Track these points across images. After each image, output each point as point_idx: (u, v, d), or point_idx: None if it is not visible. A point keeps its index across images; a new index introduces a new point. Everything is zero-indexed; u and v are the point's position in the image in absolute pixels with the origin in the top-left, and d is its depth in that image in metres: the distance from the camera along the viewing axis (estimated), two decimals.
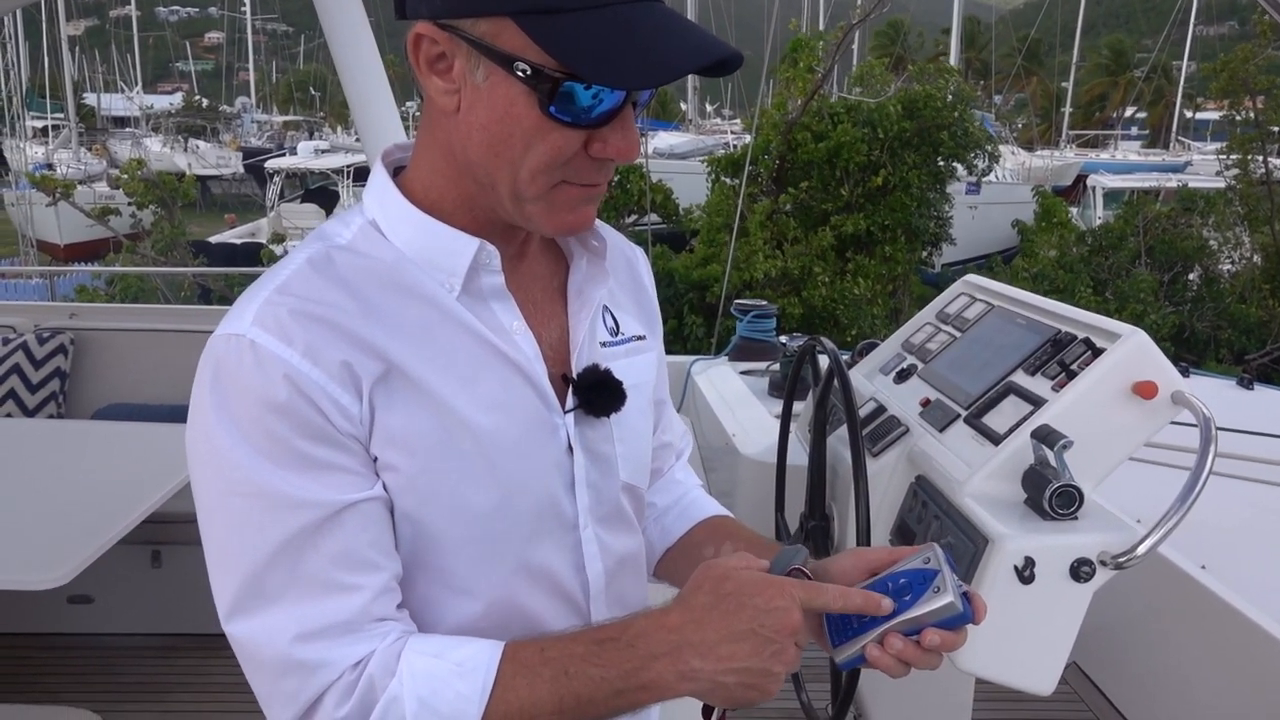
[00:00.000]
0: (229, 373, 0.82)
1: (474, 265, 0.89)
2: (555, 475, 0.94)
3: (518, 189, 0.84)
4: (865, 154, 10.30)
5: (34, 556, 1.93)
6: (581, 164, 0.84)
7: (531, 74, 0.79)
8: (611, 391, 0.96)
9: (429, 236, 0.90)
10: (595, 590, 0.98)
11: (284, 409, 0.80)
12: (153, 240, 11.95)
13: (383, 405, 0.84)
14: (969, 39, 40.11)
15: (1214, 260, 11.49)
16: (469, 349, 0.89)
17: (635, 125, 0.85)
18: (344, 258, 0.88)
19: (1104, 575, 1.45)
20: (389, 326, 0.86)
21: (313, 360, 0.81)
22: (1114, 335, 1.64)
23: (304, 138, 36.36)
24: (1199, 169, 24.23)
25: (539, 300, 0.98)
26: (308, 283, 0.85)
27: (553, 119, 0.81)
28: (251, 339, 0.81)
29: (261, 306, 0.83)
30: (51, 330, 3.50)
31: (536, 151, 0.82)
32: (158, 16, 76.68)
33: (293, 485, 0.80)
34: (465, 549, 0.89)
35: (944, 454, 1.74)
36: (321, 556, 0.81)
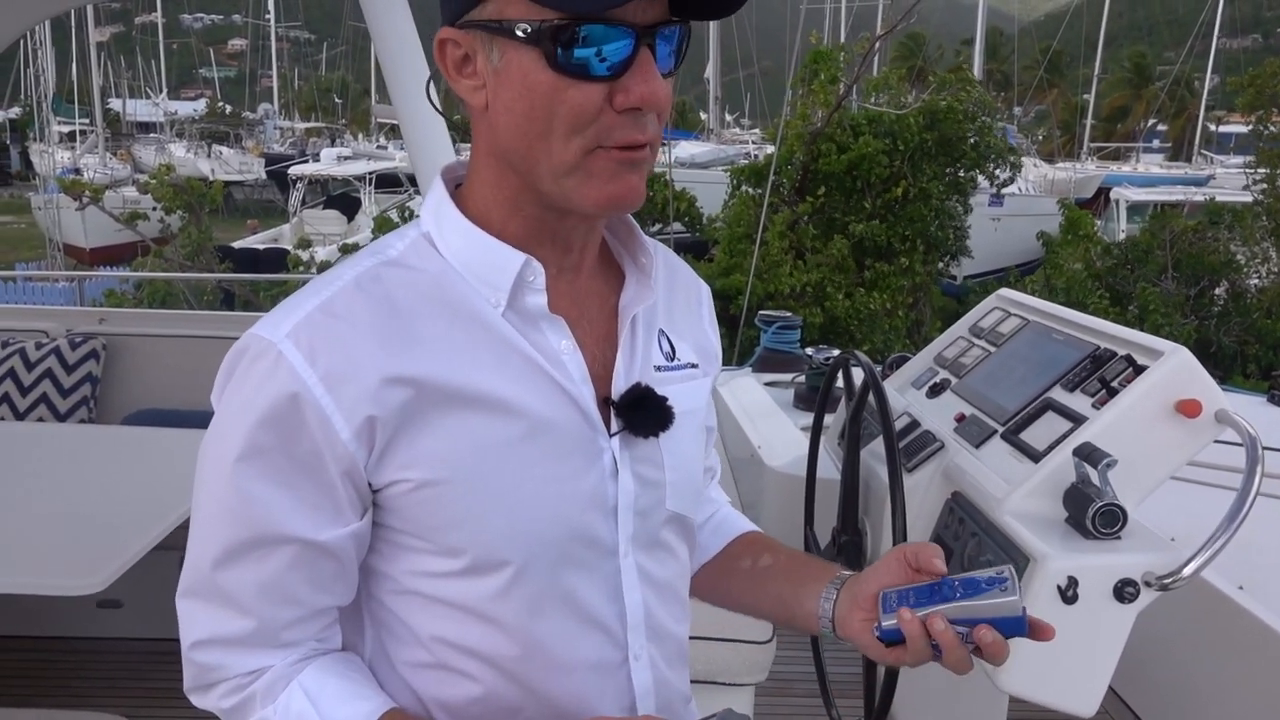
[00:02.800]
0: (245, 370, 0.84)
1: (518, 282, 0.88)
2: (592, 500, 0.91)
3: (553, 163, 0.83)
4: (886, 165, 10.28)
5: (70, 562, 1.94)
6: (611, 121, 0.82)
7: (532, 32, 0.79)
8: (654, 410, 0.93)
9: (477, 249, 0.89)
10: (634, 621, 0.95)
11: (279, 425, 0.82)
12: (180, 244, 12.06)
13: (410, 430, 0.84)
14: (991, 50, 39.98)
15: (1241, 275, 11.37)
16: (513, 366, 0.88)
17: (656, 71, 0.82)
18: (392, 273, 0.88)
19: (1148, 596, 1.43)
20: (430, 346, 0.85)
21: (328, 387, 0.82)
22: (1156, 352, 1.62)
23: (326, 144, 36.60)
24: (1223, 182, 24.03)
25: (594, 318, 0.96)
26: (350, 303, 0.85)
27: (564, 73, 0.79)
28: (280, 350, 0.82)
29: (301, 321, 0.84)
30: (83, 335, 3.53)
31: (560, 115, 0.81)
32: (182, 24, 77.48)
33: (253, 502, 0.83)
34: None
35: (981, 470, 1.73)
36: (249, 577, 0.85)
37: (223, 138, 40.94)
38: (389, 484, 0.85)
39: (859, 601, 0.97)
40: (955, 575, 0.88)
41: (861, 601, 0.96)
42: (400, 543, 0.89)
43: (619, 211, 0.87)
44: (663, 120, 0.85)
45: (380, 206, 19.23)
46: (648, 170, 0.87)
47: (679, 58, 0.86)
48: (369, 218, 18.67)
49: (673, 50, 0.85)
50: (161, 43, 49.56)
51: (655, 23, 0.81)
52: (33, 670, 2.88)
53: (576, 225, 0.91)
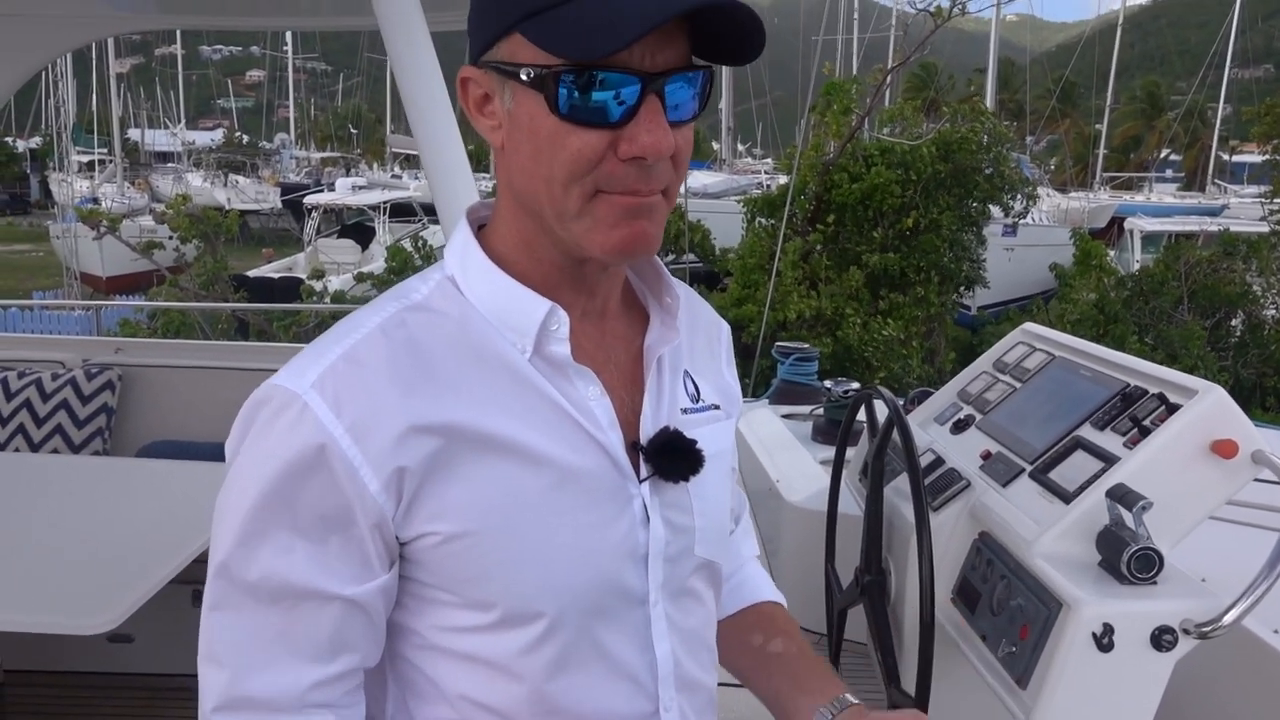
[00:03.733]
0: (267, 420, 0.82)
1: (542, 330, 0.86)
2: (623, 549, 0.89)
3: (557, 206, 0.82)
4: (899, 195, 10.28)
5: (82, 599, 1.92)
6: (614, 169, 0.80)
7: (535, 76, 0.78)
8: (684, 454, 0.91)
9: (501, 295, 0.87)
10: (664, 672, 0.93)
11: (305, 478, 0.80)
12: (195, 273, 12.14)
13: (438, 480, 0.82)
14: (1003, 81, 40.15)
15: (1258, 306, 11.29)
16: (541, 414, 0.86)
17: (664, 120, 0.79)
18: (417, 318, 0.86)
19: (1186, 644, 1.39)
20: (457, 394, 0.83)
21: (355, 438, 0.80)
22: (1190, 391, 1.59)
23: (341, 174, 36.94)
24: (1237, 212, 23.95)
25: (620, 361, 0.94)
26: (375, 351, 0.83)
27: (566, 120, 0.78)
28: (306, 400, 0.80)
29: (326, 371, 0.82)
30: (100, 366, 3.53)
31: (561, 160, 0.80)
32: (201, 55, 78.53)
33: (279, 560, 0.81)
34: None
35: (1010, 510, 1.69)
36: (284, 631, 0.82)
37: (239, 167, 41.37)
38: (417, 536, 0.83)
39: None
40: None
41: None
42: (428, 597, 0.86)
43: (630, 259, 0.86)
44: (680, 165, 0.83)
45: (394, 236, 19.33)
46: (662, 214, 0.84)
47: (703, 101, 0.83)
48: (383, 247, 18.76)
49: (695, 94, 0.82)
50: (180, 74, 50.28)
51: (666, 69, 0.79)
52: (45, 706, 2.85)
53: (595, 270, 0.89)
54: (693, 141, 0.85)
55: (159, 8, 3.97)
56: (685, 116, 0.82)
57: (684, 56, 0.80)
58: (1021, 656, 1.47)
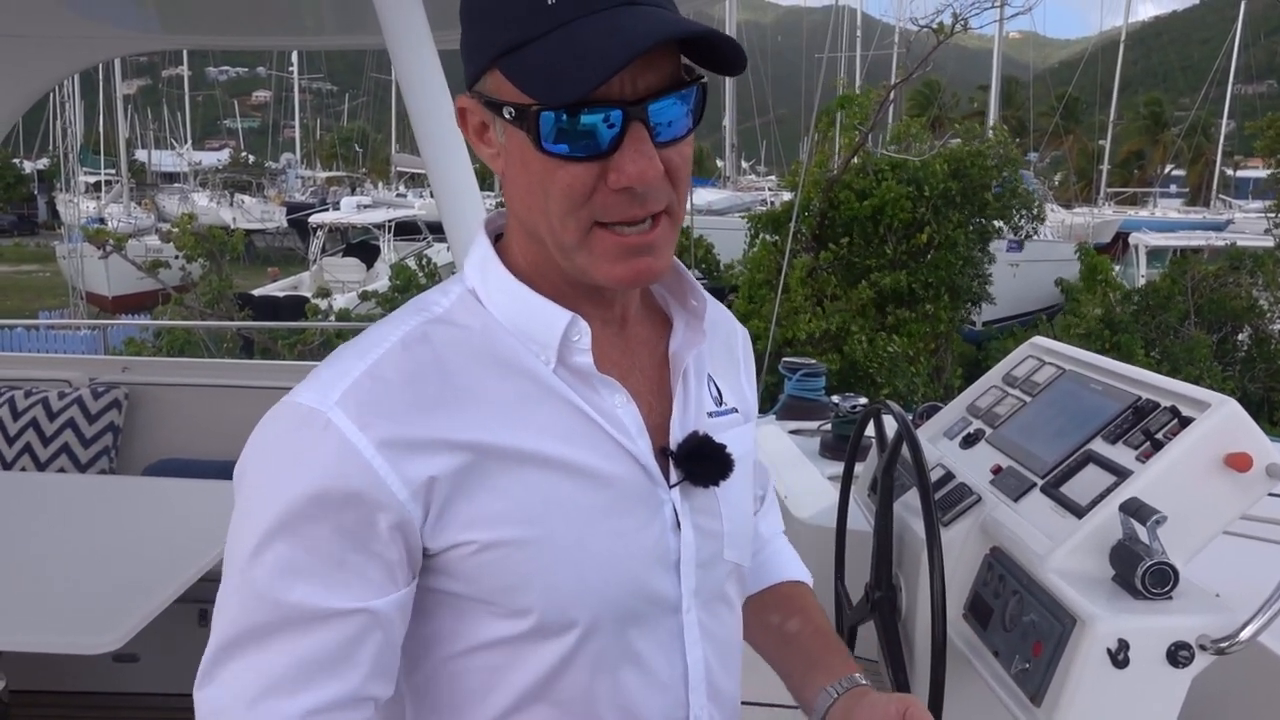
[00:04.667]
0: (290, 438, 0.79)
1: (564, 341, 0.86)
2: (655, 555, 0.88)
3: (556, 238, 0.82)
4: (910, 210, 10.28)
5: (86, 619, 1.91)
6: (607, 199, 0.79)
7: (516, 115, 0.78)
8: (713, 458, 0.91)
9: (523, 306, 0.87)
10: (695, 680, 0.92)
11: (330, 495, 0.77)
12: (200, 292, 12.18)
13: (470, 491, 0.81)
14: (1006, 97, 40.27)
15: (1264, 320, 11.27)
16: (568, 423, 0.86)
17: (649, 147, 0.78)
18: (439, 331, 0.85)
19: (1203, 660, 1.37)
20: (484, 406, 0.83)
21: (382, 452, 0.78)
22: (1202, 404, 1.58)
23: (346, 193, 37.10)
24: (1242, 227, 23.94)
25: (646, 367, 0.94)
26: (398, 366, 0.82)
27: (552, 155, 0.78)
28: (330, 418, 0.78)
29: (349, 388, 0.80)
30: (106, 384, 3.54)
31: (553, 195, 0.79)
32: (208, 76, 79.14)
33: (303, 573, 0.78)
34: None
35: (1021, 525, 1.68)
36: (295, 650, 0.78)
37: (245, 187, 41.57)
38: (450, 547, 0.82)
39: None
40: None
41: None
42: (462, 607, 0.85)
43: (632, 286, 0.87)
44: (679, 182, 0.82)
45: (399, 254, 19.40)
46: (666, 242, 0.83)
47: (697, 115, 0.82)
48: (388, 265, 18.83)
49: (687, 111, 0.81)
50: (187, 95, 50.63)
51: (649, 94, 0.78)
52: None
53: (606, 289, 0.88)
54: (690, 156, 0.84)
55: (164, 28, 4.00)
56: (678, 134, 0.81)
57: (667, 76, 0.79)
58: (1035, 673, 1.45)
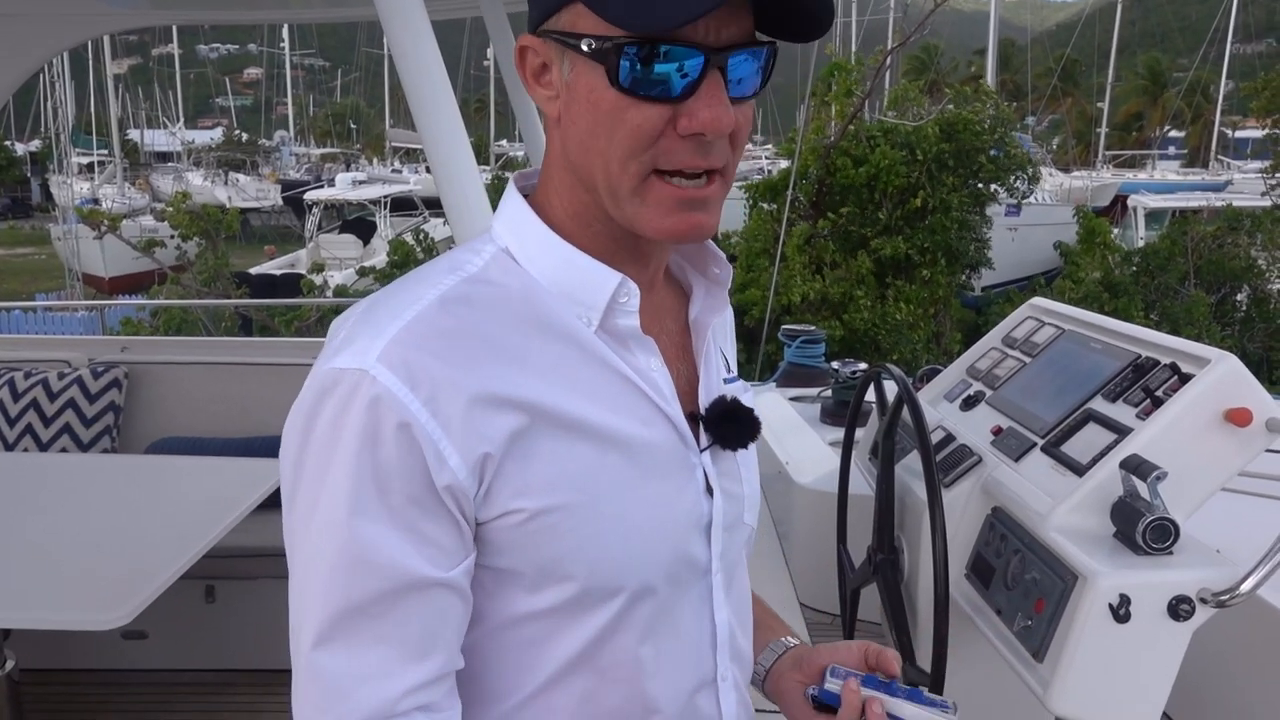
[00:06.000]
0: (337, 406, 0.76)
1: (611, 302, 0.85)
2: (691, 519, 0.89)
3: (611, 184, 0.80)
4: (904, 176, 10.24)
5: (95, 596, 1.92)
6: (672, 145, 0.78)
7: (596, 47, 0.77)
8: (743, 421, 0.91)
9: (569, 266, 0.85)
10: (721, 640, 0.93)
11: (390, 460, 0.75)
12: (197, 271, 12.15)
13: (519, 457, 0.79)
14: (1004, 61, 39.93)
15: (1263, 280, 11.25)
16: (611, 386, 0.85)
17: (725, 96, 0.77)
18: (477, 291, 0.83)
19: (1204, 614, 1.38)
20: (529, 369, 0.81)
21: (433, 411, 0.76)
22: (1202, 360, 1.58)
23: (341, 169, 36.89)
24: (1241, 188, 23.82)
25: (672, 333, 0.94)
26: (439, 324, 0.79)
27: (626, 93, 0.77)
28: (375, 375, 0.75)
29: (390, 344, 0.77)
30: (106, 364, 3.53)
31: (619, 135, 0.78)
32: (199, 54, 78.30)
33: (382, 546, 0.76)
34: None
35: (1022, 485, 1.69)
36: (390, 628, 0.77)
37: (239, 165, 41.34)
38: (499, 515, 0.80)
39: (803, 666, 0.99)
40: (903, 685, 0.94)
41: (805, 667, 0.99)
42: (504, 580, 0.83)
43: (684, 243, 0.86)
44: (738, 143, 0.82)
45: (395, 230, 19.33)
46: (718, 201, 0.83)
47: (765, 78, 0.82)
48: (384, 241, 18.76)
49: (758, 70, 0.81)
50: (178, 73, 50.20)
51: (731, 44, 0.77)
52: (61, 704, 2.86)
53: (651, 242, 0.87)
54: (752, 119, 0.83)
55: (154, 3, 3.96)
56: (747, 92, 0.81)
57: (748, 32, 0.79)
58: (1038, 630, 1.46)
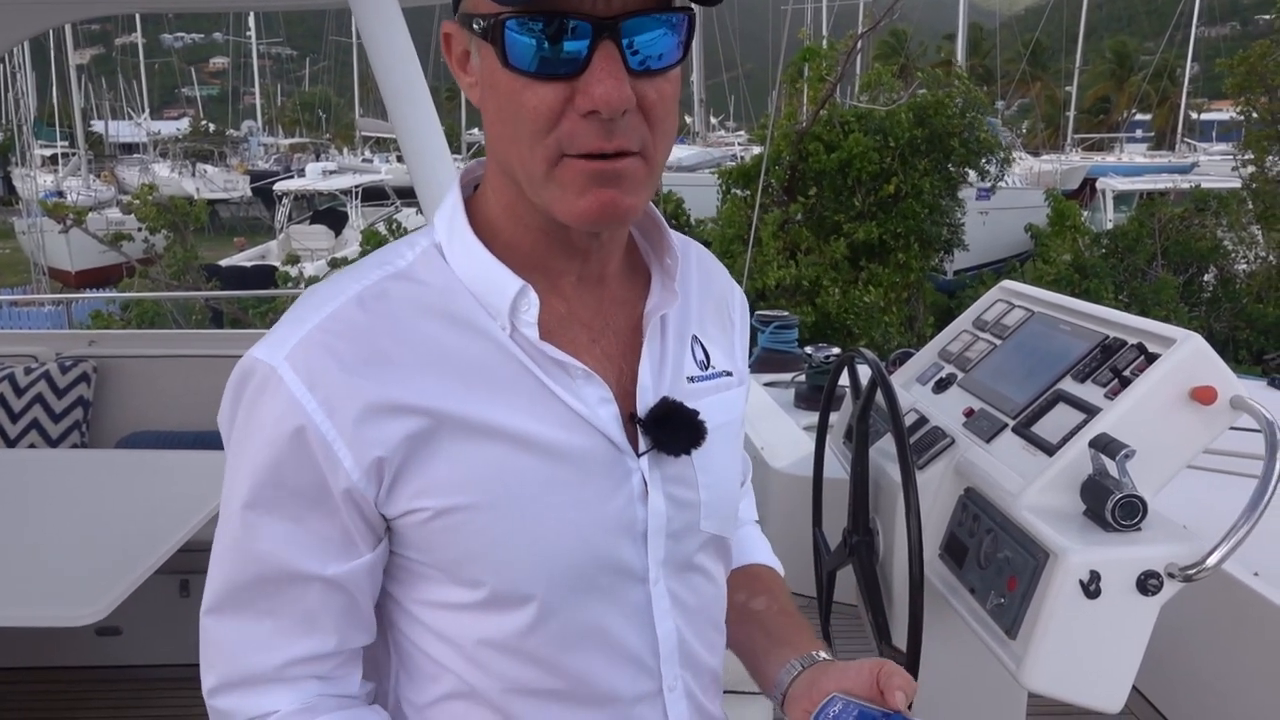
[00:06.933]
0: (249, 399, 0.80)
1: (513, 310, 0.82)
2: (619, 525, 0.85)
3: (526, 169, 0.77)
4: (877, 162, 10.28)
5: (68, 591, 1.90)
6: (574, 126, 0.74)
7: (485, 28, 0.74)
8: (683, 425, 0.86)
9: (479, 267, 0.83)
10: (666, 650, 0.90)
11: (283, 457, 0.78)
12: (165, 264, 12.00)
13: (421, 459, 0.79)
14: (972, 45, 40.13)
15: (1229, 261, 11.42)
16: (525, 392, 0.83)
17: (620, 69, 0.72)
18: (397, 288, 0.82)
19: (1171, 588, 1.41)
20: (438, 369, 0.80)
21: (329, 412, 0.77)
22: (1168, 340, 1.60)
23: (311, 159, 36.52)
24: (1207, 169, 24.13)
25: (621, 329, 0.89)
26: (351, 322, 0.80)
27: (517, 72, 0.73)
28: (281, 374, 0.78)
29: (299, 342, 0.79)
30: (74, 358, 3.49)
31: (519, 118, 0.74)
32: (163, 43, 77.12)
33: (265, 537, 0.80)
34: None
35: (994, 465, 1.71)
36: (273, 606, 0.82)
37: (207, 156, 40.80)
38: (403, 514, 0.81)
39: (811, 691, 0.93)
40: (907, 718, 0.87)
41: (813, 692, 0.93)
42: (418, 573, 0.84)
43: (601, 227, 0.81)
44: (656, 121, 0.76)
45: (367, 220, 19.17)
46: (639, 179, 0.78)
47: (685, 47, 0.76)
48: (356, 232, 18.60)
49: (673, 39, 0.75)
50: (142, 63, 49.41)
51: (624, 11, 0.71)
52: (36, 702, 2.84)
53: (581, 235, 0.84)
54: (673, 97, 0.77)
55: None
56: (660, 65, 0.75)
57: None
58: (1010, 607, 1.48)
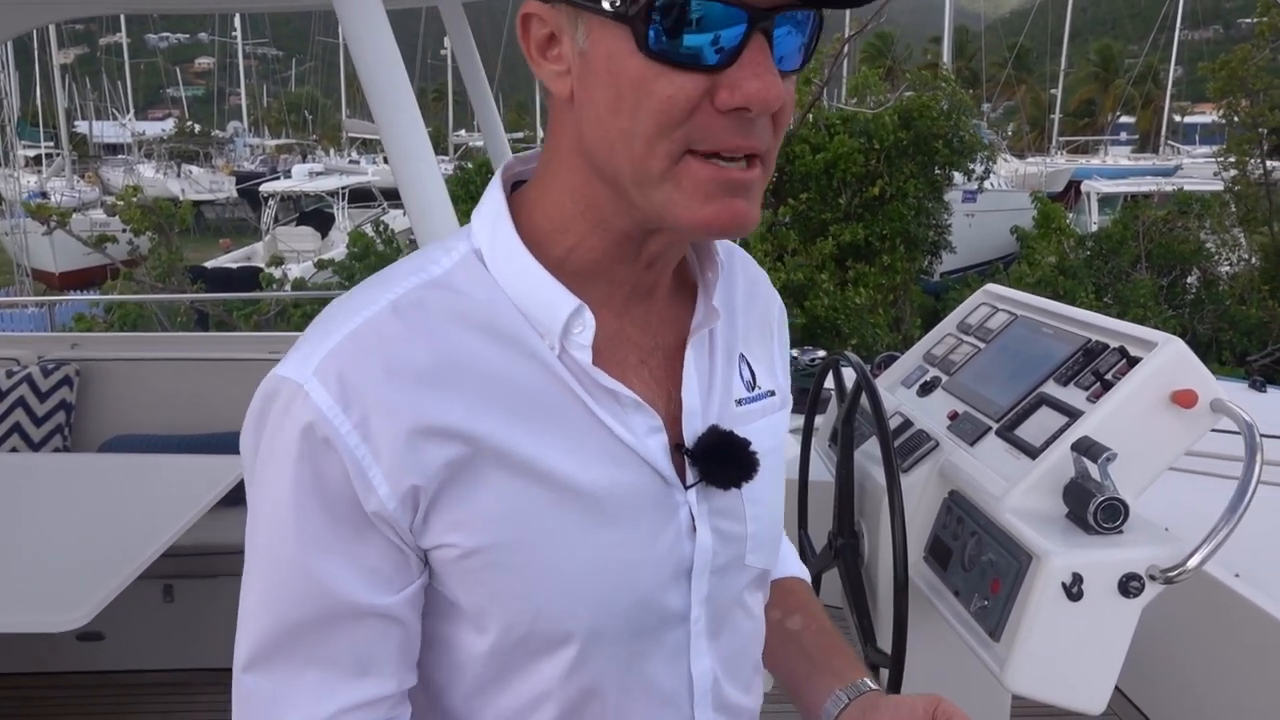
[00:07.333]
0: (274, 422, 0.72)
1: (566, 330, 0.75)
2: (667, 564, 0.79)
3: (637, 166, 0.69)
4: (862, 164, 10.32)
5: (50, 597, 1.89)
6: (709, 121, 0.67)
7: (620, 6, 0.66)
8: (734, 457, 0.79)
9: (527, 280, 0.75)
10: (700, 692, 0.84)
11: (316, 481, 0.71)
12: (150, 266, 11.92)
13: (457, 488, 0.73)
14: (958, 48, 40.32)
15: (1212, 263, 11.51)
16: (574, 419, 0.76)
17: (773, 64, 0.67)
18: (436, 298, 0.74)
19: (1153, 590, 1.42)
20: (483, 391, 0.73)
21: (364, 435, 0.70)
22: (1149, 344, 1.61)
23: (297, 160, 36.39)
24: (1190, 172, 24.31)
25: (670, 348, 0.82)
26: (387, 335, 0.72)
27: (657, 59, 0.66)
28: (308, 391, 0.70)
29: (328, 355, 0.71)
30: (56, 362, 3.46)
31: (646, 109, 0.67)
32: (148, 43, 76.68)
33: (312, 570, 0.72)
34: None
35: (978, 468, 1.72)
36: (322, 650, 0.73)
37: (192, 157, 40.60)
38: (436, 546, 0.74)
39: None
40: None
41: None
42: (454, 612, 0.78)
43: (723, 237, 0.75)
44: (780, 127, 0.72)
45: (354, 221, 19.11)
46: (760, 190, 0.72)
47: (807, 54, 0.71)
48: (343, 233, 18.54)
49: (802, 45, 0.70)
50: (127, 63, 49.13)
51: (775, 5, 0.66)
52: (15, 709, 2.81)
53: (663, 243, 0.77)
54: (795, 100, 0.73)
55: None
56: (791, 67, 0.70)
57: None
58: (994, 610, 1.49)
